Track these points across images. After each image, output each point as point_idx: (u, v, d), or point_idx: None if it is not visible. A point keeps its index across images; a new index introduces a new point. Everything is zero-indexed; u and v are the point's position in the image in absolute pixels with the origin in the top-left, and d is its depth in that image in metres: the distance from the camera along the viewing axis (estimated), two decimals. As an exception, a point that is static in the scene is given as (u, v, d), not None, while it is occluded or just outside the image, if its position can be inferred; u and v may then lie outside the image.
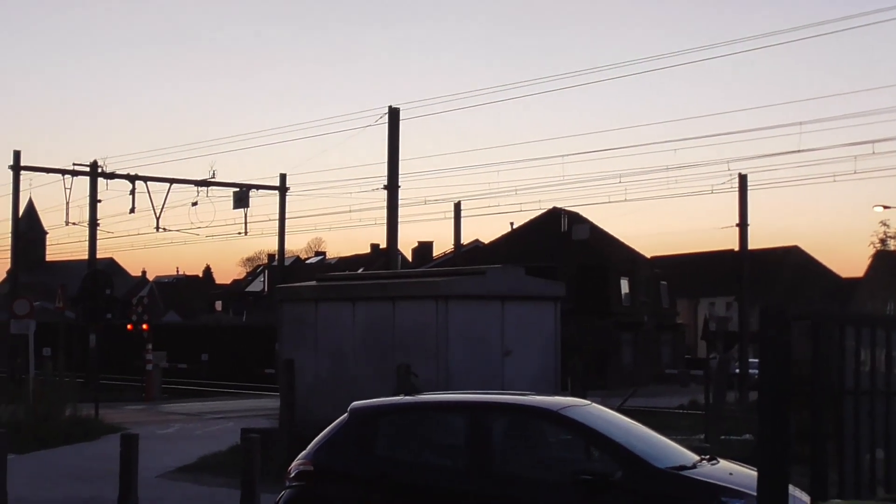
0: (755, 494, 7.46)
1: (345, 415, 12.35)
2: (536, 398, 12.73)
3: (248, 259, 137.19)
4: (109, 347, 52.71)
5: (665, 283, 73.79)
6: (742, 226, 49.38)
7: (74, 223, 52.08)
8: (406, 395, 14.90)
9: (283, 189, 55.18)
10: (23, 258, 61.38)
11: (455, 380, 21.53)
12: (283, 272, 57.78)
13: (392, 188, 41.32)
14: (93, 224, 51.33)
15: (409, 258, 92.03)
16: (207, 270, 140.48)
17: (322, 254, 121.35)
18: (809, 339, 7.40)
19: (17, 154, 50.81)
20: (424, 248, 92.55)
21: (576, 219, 67.47)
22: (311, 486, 11.91)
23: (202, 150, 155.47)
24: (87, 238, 51.60)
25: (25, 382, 33.04)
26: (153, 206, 51.26)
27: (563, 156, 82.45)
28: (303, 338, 25.18)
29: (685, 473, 10.75)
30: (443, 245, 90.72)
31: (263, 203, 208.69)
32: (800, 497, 8.77)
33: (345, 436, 12.09)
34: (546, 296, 24.38)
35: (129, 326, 47.55)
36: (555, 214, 66.93)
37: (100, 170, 50.56)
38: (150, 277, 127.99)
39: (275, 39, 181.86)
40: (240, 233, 53.91)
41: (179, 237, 65.70)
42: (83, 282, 34.33)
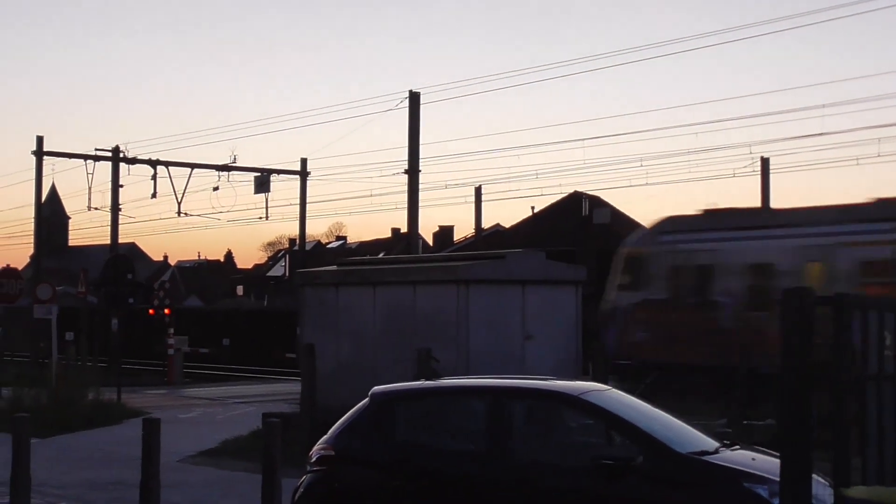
0: (778, 480, 7.42)
1: (365, 399, 12.35)
2: (557, 383, 12.70)
3: (269, 244, 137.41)
4: (131, 332, 52.90)
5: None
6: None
7: (97, 208, 52.30)
8: (426, 380, 14.90)
9: (304, 174, 55.21)
10: (46, 243, 61.68)
11: (475, 364, 21.51)
12: (304, 257, 57.85)
13: (413, 172, 41.31)
14: (115, 209, 51.44)
15: (430, 242, 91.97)
16: (229, 255, 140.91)
17: (343, 238, 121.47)
18: (832, 324, 7.35)
19: (40, 139, 50.98)
20: (445, 233, 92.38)
21: (597, 203, 67.23)
22: (332, 471, 11.92)
23: (223, 135, 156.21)
24: (110, 223, 51.74)
25: (48, 367, 33.16)
26: (174, 191, 51.42)
27: (585, 139, 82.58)
28: (324, 322, 25.20)
29: (707, 459, 10.70)
30: (463, 229, 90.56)
31: (284, 188, 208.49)
32: (822, 483, 8.72)
33: (365, 420, 12.09)
34: (567, 280, 24.32)
35: (151, 311, 47.66)
36: (576, 198, 66.72)
37: (122, 155, 50.68)
38: (172, 262, 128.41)
39: (296, 24, 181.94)
40: (261, 217, 54.02)
41: (201, 222, 65.97)
42: (105, 267, 34.39)
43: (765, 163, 47.67)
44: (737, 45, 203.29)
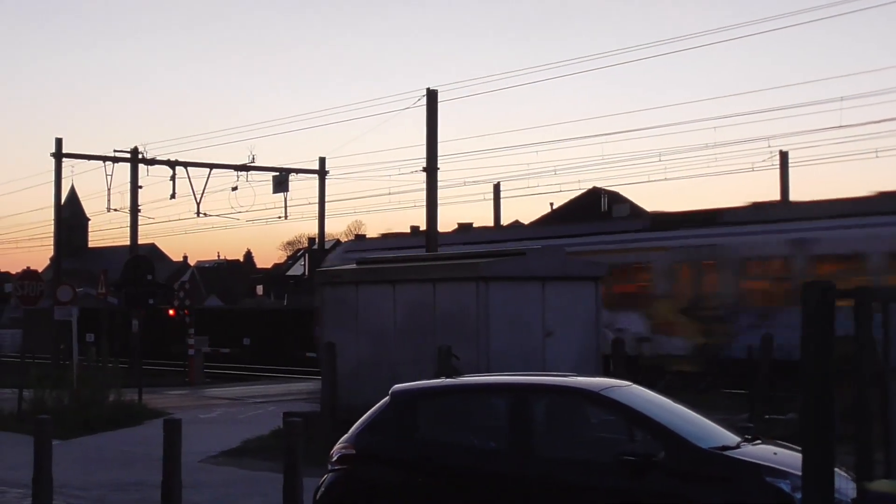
0: (800, 474, 7.39)
1: (386, 398, 12.35)
2: (578, 379, 12.70)
3: (289, 243, 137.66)
4: (152, 333, 53.00)
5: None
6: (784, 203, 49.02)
7: (116, 209, 52.37)
8: (447, 378, 14.89)
9: (323, 172, 55.23)
10: (66, 245, 61.92)
11: (496, 361, 21.47)
12: (324, 256, 57.86)
13: (431, 170, 41.20)
14: (134, 210, 51.57)
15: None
16: (248, 255, 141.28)
17: (362, 236, 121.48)
18: (854, 317, 7.31)
19: (59, 141, 51.10)
20: (464, 230, 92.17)
21: (616, 198, 67.18)
22: (354, 470, 11.93)
23: (241, 135, 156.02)
24: (129, 224, 51.85)
25: (69, 368, 33.25)
26: (193, 192, 51.44)
27: (603, 135, 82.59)
28: (343, 321, 25.20)
29: (728, 453, 10.68)
30: (483, 226, 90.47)
31: (303, 186, 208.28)
32: (845, 476, 8.68)
33: (386, 419, 12.10)
34: (587, 276, 24.27)
35: (172, 312, 47.76)
36: (595, 194, 66.70)
37: (140, 156, 50.76)
38: (192, 262, 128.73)
39: (313, 23, 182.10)
40: (280, 217, 54.04)
41: (220, 222, 66.08)
42: (125, 268, 34.47)
43: (783, 156, 47.50)
44: (755, 39, 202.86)
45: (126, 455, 22.36)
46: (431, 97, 40.98)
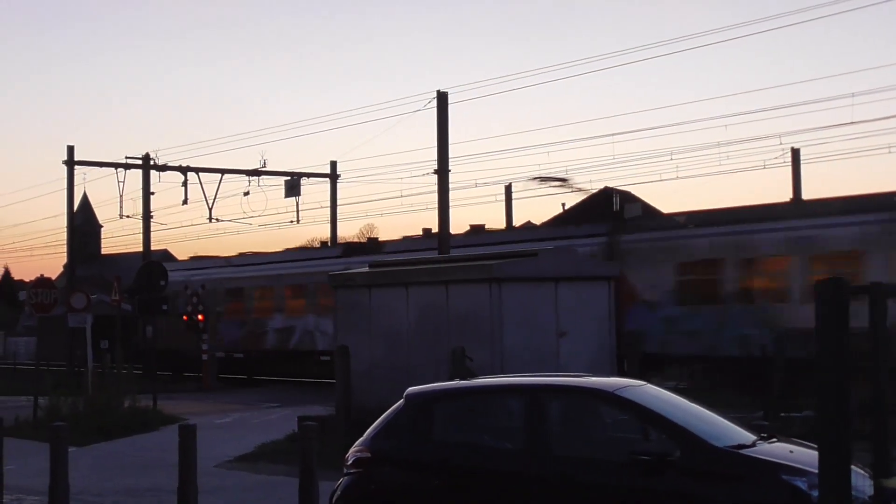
0: (816, 472, 7.36)
1: (400, 400, 12.34)
2: (592, 379, 12.69)
3: (301, 247, 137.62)
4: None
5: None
6: (796, 200, 48.93)
7: (128, 216, 52.63)
8: (461, 379, 14.88)
9: (334, 176, 55.30)
10: (79, 252, 62.04)
11: (510, 362, 21.47)
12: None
13: (442, 172, 41.22)
14: (146, 216, 51.72)
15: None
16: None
17: (374, 240, 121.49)
18: (869, 313, 7.28)
19: (71, 149, 51.28)
20: (476, 232, 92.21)
21: (627, 198, 66.93)
22: (369, 473, 11.92)
23: (253, 140, 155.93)
24: (142, 230, 52.00)
25: (84, 375, 33.33)
26: (205, 197, 51.56)
27: (614, 135, 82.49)
28: (357, 324, 25.21)
29: (744, 452, 10.65)
30: (495, 227, 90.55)
31: (315, 190, 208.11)
32: (862, 474, 8.65)
33: (401, 421, 12.08)
34: (600, 276, 24.26)
35: (185, 317, 47.80)
36: (606, 194, 66.54)
37: (152, 162, 50.92)
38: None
39: (323, 27, 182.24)
40: (292, 221, 54.12)
41: (232, 227, 65.93)
42: (138, 274, 34.55)
43: (795, 153, 47.41)
44: (765, 36, 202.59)
45: (142, 461, 22.40)
46: (442, 99, 40.98)
